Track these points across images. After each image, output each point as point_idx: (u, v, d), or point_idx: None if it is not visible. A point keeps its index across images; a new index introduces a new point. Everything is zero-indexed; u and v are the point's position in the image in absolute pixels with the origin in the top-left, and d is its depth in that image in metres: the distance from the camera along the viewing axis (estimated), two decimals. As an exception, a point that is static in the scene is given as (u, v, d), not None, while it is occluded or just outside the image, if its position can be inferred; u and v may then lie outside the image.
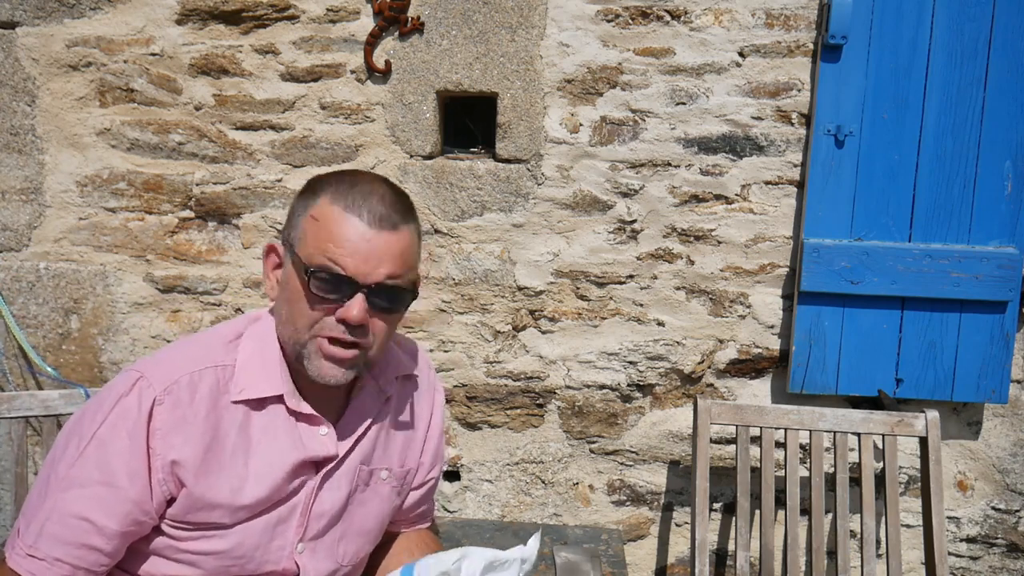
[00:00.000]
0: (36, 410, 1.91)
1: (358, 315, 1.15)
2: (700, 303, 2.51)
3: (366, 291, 1.16)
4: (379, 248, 1.16)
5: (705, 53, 2.40)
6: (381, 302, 1.18)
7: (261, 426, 1.23)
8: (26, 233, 2.56)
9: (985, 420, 2.55)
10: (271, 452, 1.23)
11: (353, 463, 1.31)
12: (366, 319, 1.16)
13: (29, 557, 1.13)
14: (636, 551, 2.65)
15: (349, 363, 1.19)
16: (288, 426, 1.25)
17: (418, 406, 1.43)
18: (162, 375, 1.19)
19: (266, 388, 1.23)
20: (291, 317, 1.20)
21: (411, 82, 2.44)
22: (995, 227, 2.38)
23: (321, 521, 1.29)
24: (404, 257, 1.19)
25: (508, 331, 2.55)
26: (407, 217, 1.22)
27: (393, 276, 1.17)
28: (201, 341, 1.27)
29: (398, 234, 1.18)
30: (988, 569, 2.63)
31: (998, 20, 2.29)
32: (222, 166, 2.51)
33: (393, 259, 1.17)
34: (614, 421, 2.58)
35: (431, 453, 1.45)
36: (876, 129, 2.36)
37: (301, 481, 1.26)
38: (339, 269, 1.15)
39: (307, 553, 1.28)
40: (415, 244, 1.23)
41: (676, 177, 2.45)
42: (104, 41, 2.47)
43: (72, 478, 1.16)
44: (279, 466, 1.23)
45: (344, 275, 1.15)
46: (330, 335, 1.17)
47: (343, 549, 1.33)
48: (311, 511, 1.27)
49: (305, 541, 1.28)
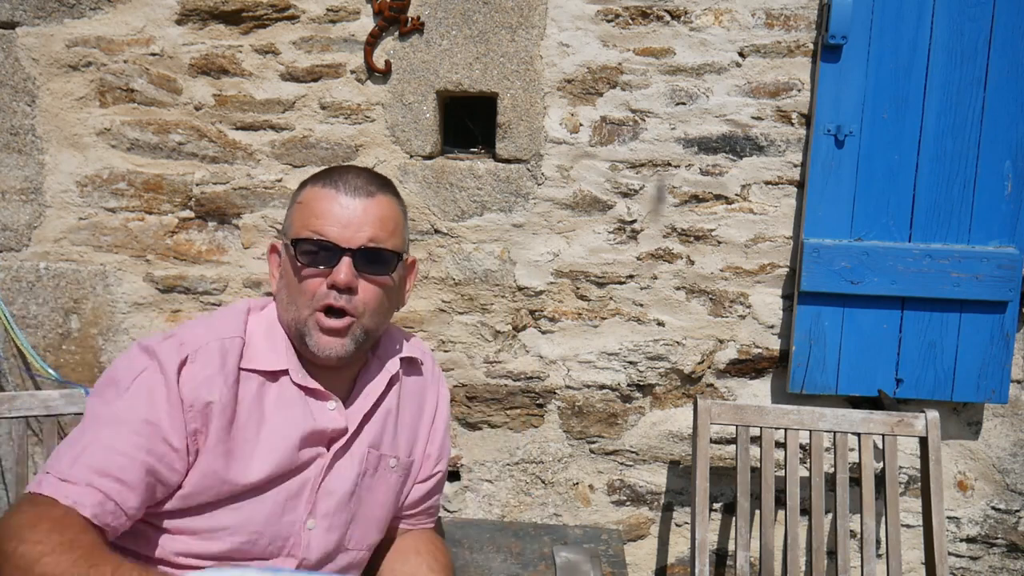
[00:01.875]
0: (36, 410, 1.91)
1: (345, 278, 1.23)
2: (700, 303, 2.51)
3: (351, 254, 1.24)
4: (358, 214, 1.26)
5: (705, 53, 2.40)
6: (366, 264, 1.26)
7: (273, 397, 1.28)
8: (26, 233, 2.56)
9: (985, 420, 2.55)
10: (282, 422, 1.27)
11: (363, 443, 1.35)
12: (354, 281, 1.25)
13: (62, 482, 1.12)
14: (636, 551, 2.66)
15: (346, 333, 1.26)
16: (299, 399, 1.30)
17: (424, 397, 1.48)
18: (193, 338, 1.25)
19: (274, 362, 1.29)
20: (291, 297, 1.28)
21: (411, 82, 2.44)
22: (995, 227, 2.38)
23: (331, 500, 1.31)
24: (384, 221, 1.28)
25: (508, 331, 2.55)
26: (384, 188, 1.31)
27: (375, 239, 1.26)
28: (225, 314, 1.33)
29: (375, 200, 1.28)
30: (988, 569, 2.63)
31: (998, 20, 2.29)
32: (222, 166, 2.51)
33: (373, 223, 1.26)
34: (614, 421, 2.58)
35: (437, 445, 1.48)
36: (876, 129, 2.36)
37: (312, 456, 1.30)
38: (323, 237, 1.24)
39: (317, 530, 1.31)
40: (396, 213, 1.32)
41: (676, 177, 2.45)
42: (104, 41, 2.47)
43: (111, 416, 1.18)
44: (289, 437, 1.27)
45: (328, 242, 1.24)
46: (324, 303, 1.25)
47: (351, 532, 1.35)
48: (320, 487, 1.30)
49: (315, 518, 1.30)
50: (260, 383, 1.28)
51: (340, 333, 1.26)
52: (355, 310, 1.26)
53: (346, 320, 1.26)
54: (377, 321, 1.31)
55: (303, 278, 1.26)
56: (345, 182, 1.27)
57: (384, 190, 1.30)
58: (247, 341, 1.29)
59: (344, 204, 1.25)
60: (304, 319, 1.26)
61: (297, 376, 1.29)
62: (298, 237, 1.26)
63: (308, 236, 1.25)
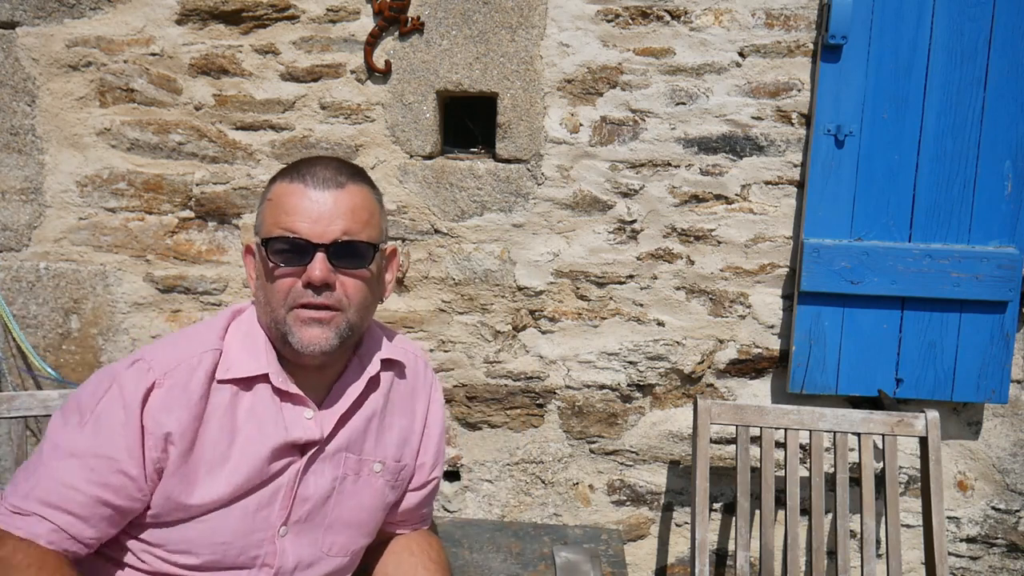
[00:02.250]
0: (36, 410, 1.90)
1: (320, 274, 1.19)
2: (700, 303, 2.51)
3: (324, 249, 1.20)
4: (328, 208, 1.21)
5: (705, 53, 2.40)
6: (341, 258, 1.22)
7: (246, 408, 1.25)
8: (26, 233, 2.56)
9: (985, 420, 2.55)
10: (254, 435, 1.24)
11: (339, 445, 1.31)
12: (330, 277, 1.21)
13: (13, 514, 1.15)
14: (636, 551, 2.66)
15: (330, 324, 1.22)
16: (273, 408, 1.26)
17: (414, 399, 1.43)
18: (162, 360, 1.22)
19: (253, 367, 1.25)
20: (267, 297, 1.24)
21: (411, 82, 2.44)
22: (995, 227, 2.38)
23: (305, 505, 1.29)
24: (356, 213, 1.23)
25: (508, 331, 2.55)
26: (355, 178, 1.26)
27: (348, 232, 1.22)
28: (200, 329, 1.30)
29: (346, 191, 1.23)
30: (988, 569, 2.63)
31: (998, 20, 2.29)
32: (222, 166, 2.51)
33: (344, 216, 1.21)
34: (614, 421, 2.58)
35: (432, 453, 1.45)
36: (876, 129, 2.36)
37: (285, 463, 1.27)
38: (294, 235, 1.20)
39: (289, 537, 1.28)
40: (369, 201, 1.27)
41: (676, 177, 2.45)
42: (104, 41, 2.47)
43: (68, 448, 1.17)
44: (260, 451, 1.24)
45: (299, 239, 1.20)
46: (302, 302, 1.21)
47: (329, 539, 1.32)
48: (296, 494, 1.28)
49: (288, 525, 1.28)
50: (233, 393, 1.24)
51: (323, 323, 1.22)
52: (337, 305, 1.22)
53: (330, 313, 1.22)
54: (361, 315, 1.27)
55: (276, 277, 1.22)
56: (313, 175, 1.22)
57: (355, 179, 1.25)
58: (224, 350, 1.25)
59: (313, 198, 1.21)
60: (282, 318, 1.22)
61: (277, 380, 1.26)
62: (268, 236, 1.22)
63: (279, 234, 1.21)
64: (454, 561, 1.68)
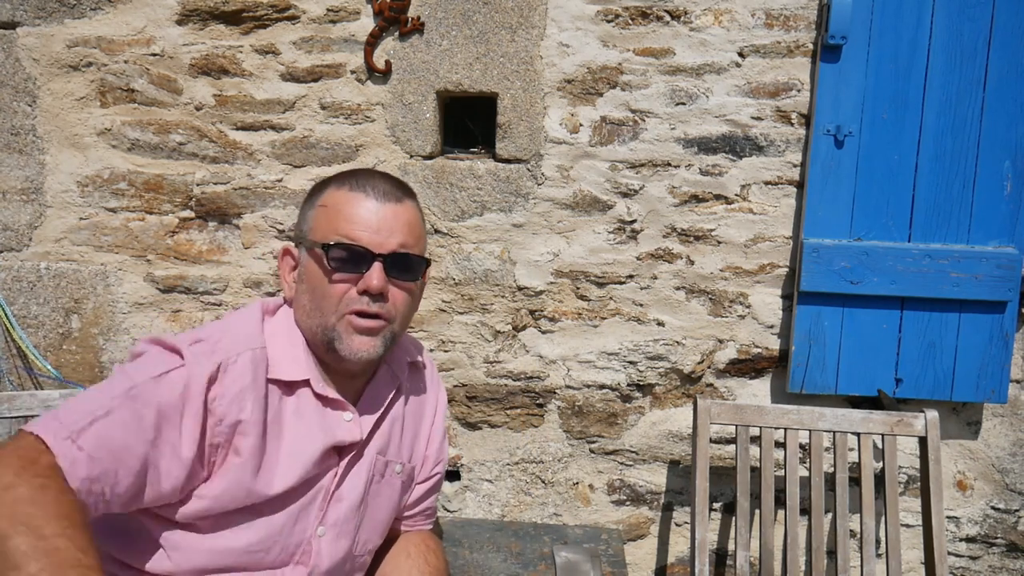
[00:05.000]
0: (36, 410, 1.90)
1: (378, 283, 1.22)
2: (700, 303, 2.52)
3: (382, 260, 1.23)
4: (388, 219, 1.24)
5: (705, 53, 2.40)
6: (397, 270, 1.25)
7: (292, 410, 1.27)
8: (27, 233, 2.56)
9: (984, 420, 2.55)
10: (301, 437, 1.26)
11: (372, 450, 1.35)
12: (386, 287, 1.24)
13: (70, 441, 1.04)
14: (636, 551, 2.66)
15: (378, 334, 1.25)
16: (316, 411, 1.28)
17: (425, 401, 1.48)
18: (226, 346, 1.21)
19: (295, 372, 1.27)
20: (316, 303, 1.26)
21: (411, 82, 2.44)
22: (994, 227, 2.38)
23: (340, 507, 1.31)
24: (412, 227, 1.28)
25: (508, 331, 2.55)
26: (409, 194, 1.31)
27: (405, 245, 1.26)
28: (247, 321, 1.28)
29: (404, 206, 1.27)
30: (988, 569, 2.63)
31: (998, 20, 2.29)
32: (222, 166, 2.51)
33: (403, 229, 1.26)
34: (614, 421, 2.58)
35: (436, 447, 1.48)
36: (876, 129, 2.36)
37: (326, 467, 1.29)
38: (355, 242, 1.23)
39: (327, 537, 1.30)
40: (420, 219, 1.32)
41: (676, 177, 2.45)
42: (104, 41, 2.47)
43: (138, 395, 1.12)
44: (309, 452, 1.26)
45: (360, 247, 1.23)
46: (355, 309, 1.23)
47: (362, 538, 1.36)
48: (332, 496, 1.30)
49: (325, 525, 1.30)
50: (280, 395, 1.26)
51: (373, 333, 1.24)
52: (388, 315, 1.25)
53: (381, 322, 1.25)
54: (403, 326, 1.31)
55: (331, 283, 1.23)
56: (373, 186, 1.26)
57: (410, 196, 1.30)
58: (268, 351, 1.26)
59: (373, 209, 1.24)
60: (332, 325, 1.24)
61: (318, 386, 1.28)
62: (327, 242, 1.23)
63: (339, 241, 1.23)
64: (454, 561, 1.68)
